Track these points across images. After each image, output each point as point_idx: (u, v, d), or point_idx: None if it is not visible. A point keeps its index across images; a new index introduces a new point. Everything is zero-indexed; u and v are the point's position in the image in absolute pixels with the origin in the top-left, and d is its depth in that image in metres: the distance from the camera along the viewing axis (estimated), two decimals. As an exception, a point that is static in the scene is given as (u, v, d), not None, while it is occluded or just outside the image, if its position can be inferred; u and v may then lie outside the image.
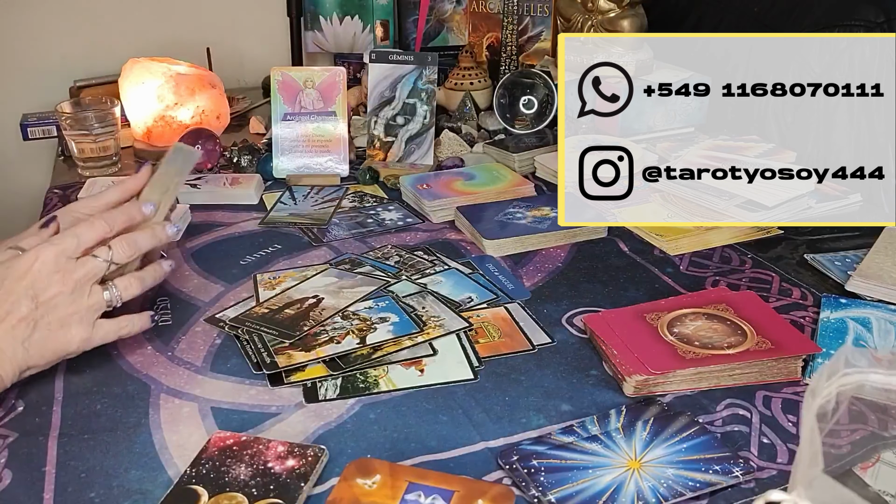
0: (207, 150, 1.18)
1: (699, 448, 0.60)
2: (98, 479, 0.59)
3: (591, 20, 1.32)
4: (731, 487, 0.57)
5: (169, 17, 1.59)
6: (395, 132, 1.21)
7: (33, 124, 1.34)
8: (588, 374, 0.71)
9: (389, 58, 1.21)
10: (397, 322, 0.77)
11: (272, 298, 0.81)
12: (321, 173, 1.16)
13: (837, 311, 0.78)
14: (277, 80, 1.17)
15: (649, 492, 0.56)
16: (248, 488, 0.56)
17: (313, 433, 0.64)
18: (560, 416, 0.66)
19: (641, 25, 1.31)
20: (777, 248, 0.95)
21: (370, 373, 0.71)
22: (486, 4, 1.49)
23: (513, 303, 0.83)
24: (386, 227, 1.02)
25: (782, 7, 1.30)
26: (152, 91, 1.25)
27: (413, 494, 0.55)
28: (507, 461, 0.59)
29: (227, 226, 1.03)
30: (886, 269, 0.83)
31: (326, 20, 1.59)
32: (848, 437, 0.54)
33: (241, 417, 0.66)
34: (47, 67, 1.51)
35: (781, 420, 0.65)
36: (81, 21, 1.53)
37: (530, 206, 1.03)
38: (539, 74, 1.27)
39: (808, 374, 0.71)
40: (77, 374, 0.71)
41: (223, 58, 1.57)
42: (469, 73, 1.39)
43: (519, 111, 1.26)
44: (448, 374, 0.71)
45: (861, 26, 1.18)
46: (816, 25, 1.22)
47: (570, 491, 0.56)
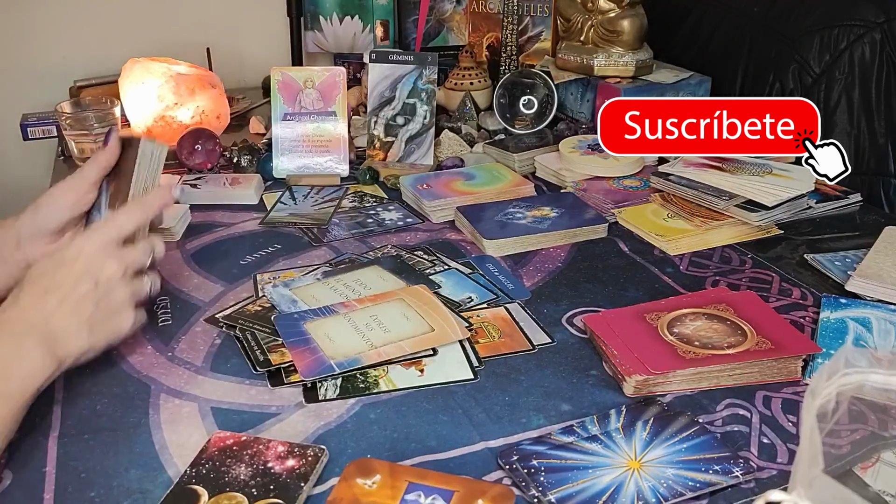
0: (207, 150, 1.18)
1: (699, 448, 0.60)
2: (98, 479, 0.59)
3: (591, 20, 1.32)
4: (731, 487, 0.58)
5: (169, 17, 1.59)
6: (395, 132, 1.21)
7: (33, 124, 1.34)
8: (588, 374, 0.71)
9: (389, 58, 1.21)
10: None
11: (265, 297, 0.82)
12: (321, 173, 1.16)
13: (837, 311, 0.78)
14: (277, 80, 1.17)
15: (649, 492, 0.56)
16: (248, 488, 0.56)
17: (313, 433, 0.64)
18: (560, 416, 0.66)
19: (641, 25, 1.31)
20: (777, 248, 0.95)
21: (370, 373, 0.71)
22: (486, 4, 1.49)
23: (513, 303, 0.83)
24: (386, 227, 1.02)
25: (782, 7, 1.30)
26: (152, 91, 1.25)
27: (413, 494, 0.55)
28: (507, 461, 0.59)
29: (227, 226, 1.03)
30: (886, 269, 0.83)
31: (326, 20, 1.59)
32: (848, 437, 0.54)
33: (241, 417, 0.66)
34: (47, 67, 1.51)
35: (781, 420, 0.65)
36: (81, 21, 1.53)
37: (530, 206, 1.03)
38: (539, 74, 1.27)
39: (808, 374, 0.71)
40: (77, 374, 0.71)
41: (223, 58, 1.57)
42: (469, 73, 1.39)
43: (519, 111, 1.26)
44: (448, 374, 0.71)
45: (861, 26, 1.18)
46: (816, 25, 1.22)
47: (570, 491, 0.56)
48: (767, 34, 1.30)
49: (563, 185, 1.13)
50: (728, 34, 1.37)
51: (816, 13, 1.24)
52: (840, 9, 1.21)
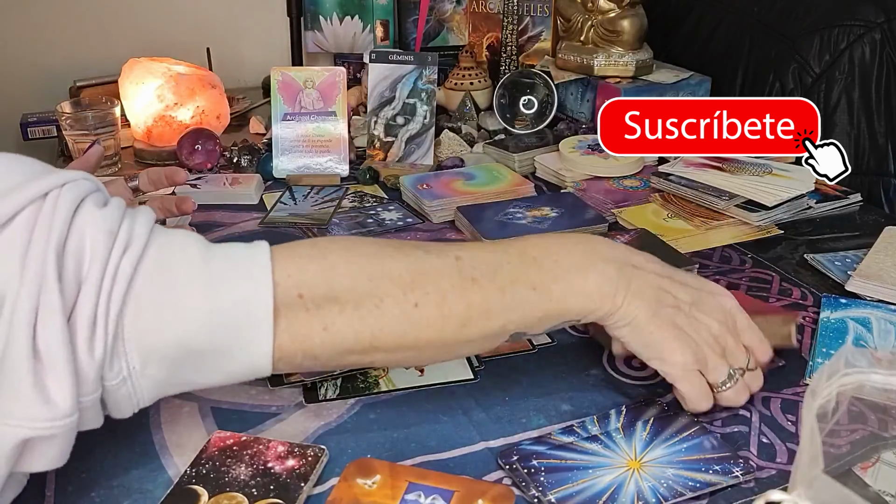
0: (207, 150, 1.18)
1: (699, 448, 0.60)
2: (98, 479, 0.59)
3: (591, 20, 1.32)
4: (731, 487, 0.57)
5: (169, 17, 1.59)
6: (395, 132, 1.21)
7: (33, 124, 1.34)
8: (588, 374, 0.71)
9: (389, 58, 1.21)
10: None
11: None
12: (321, 173, 1.16)
13: (837, 311, 0.78)
14: (277, 80, 1.17)
15: (649, 492, 0.56)
16: (248, 488, 0.56)
17: (313, 433, 0.64)
18: (560, 416, 0.66)
19: (641, 25, 1.31)
20: (777, 248, 0.95)
21: (370, 373, 0.71)
22: (486, 4, 1.49)
23: (513, 303, 0.83)
24: (386, 227, 1.02)
25: (782, 7, 1.30)
26: (152, 91, 1.25)
27: (413, 494, 0.55)
28: (507, 461, 0.59)
29: (227, 226, 1.03)
30: (886, 269, 0.83)
31: (326, 20, 1.59)
32: (848, 437, 0.54)
33: (241, 417, 0.66)
34: (47, 67, 1.51)
35: (781, 420, 0.65)
36: (81, 21, 1.53)
37: (530, 206, 1.03)
38: (539, 74, 1.27)
39: (808, 374, 0.71)
40: (77, 374, 0.71)
41: (223, 58, 1.56)
42: (469, 73, 1.39)
43: (519, 111, 1.26)
44: (448, 374, 0.71)
45: (861, 26, 1.18)
46: (816, 25, 1.22)
47: (570, 491, 0.56)
48: (767, 34, 1.30)
49: (563, 185, 1.13)
50: (728, 34, 1.37)
51: (816, 13, 1.24)
52: (840, 9, 1.21)
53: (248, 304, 0.52)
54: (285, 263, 0.54)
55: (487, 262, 0.59)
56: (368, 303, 0.55)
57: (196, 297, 0.51)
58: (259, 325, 0.52)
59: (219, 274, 0.52)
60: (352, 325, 0.54)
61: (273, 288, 0.52)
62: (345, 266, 0.55)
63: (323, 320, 0.54)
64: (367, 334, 0.55)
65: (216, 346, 0.52)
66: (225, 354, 0.52)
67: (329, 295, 0.54)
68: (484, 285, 0.57)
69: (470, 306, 0.57)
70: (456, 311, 0.56)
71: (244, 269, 0.53)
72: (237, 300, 0.52)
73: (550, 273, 0.59)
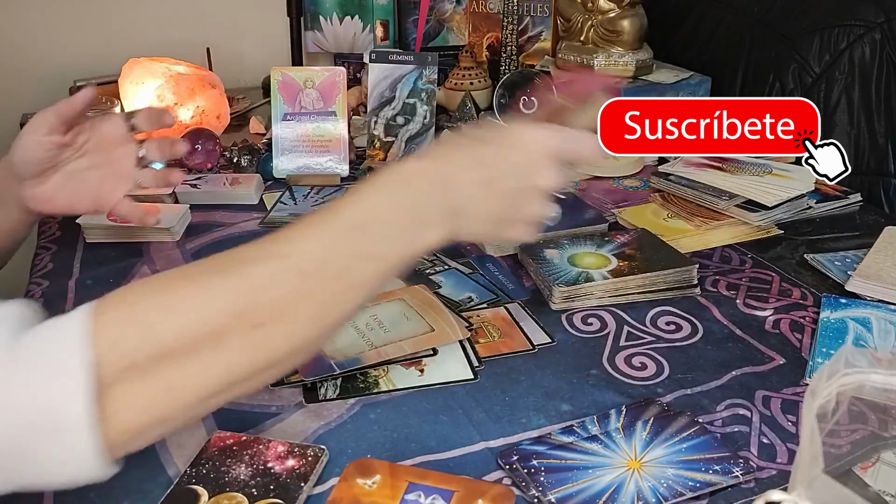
0: (207, 150, 1.18)
1: (699, 448, 0.60)
2: (98, 479, 0.59)
3: (591, 20, 1.32)
4: (731, 487, 0.58)
5: (169, 17, 1.59)
6: (395, 132, 1.21)
7: (33, 124, 1.33)
8: (588, 374, 0.71)
9: (389, 58, 1.21)
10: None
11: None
12: (321, 173, 1.16)
13: (837, 311, 0.78)
14: (277, 80, 1.16)
15: (649, 492, 0.56)
16: (248, 488, 0.56)
17: (313, 433, 0.64)
18: (560, 416, 0.66)
19: (641, 25, 1.31)
20: (777, 248, 0.95)
21: (370, 373, 0.71)
22: (486, 4, 1.49)
23: (513, 303, 0.83)
24: (386, 227, 1.01)
25: (782, 7, 1.30)
26: (152, 91, 1.25)
27: (413, 494, 0.55)
28: (507, 461, 0.59)
29: (227, 226, 1.03)
30: (886, 269, 0.83)
31: (326, 20, 1.59)
32: (848, 437, 0.54)
33: (241, 417, 0.66)
34: (47, 67, 1.51)
35: (781, 420, 0.65)
36: (81, 21, 1.53)
37: (530, 206, 1.03)
38: (539, 74, 1.27)
39: (808, 374, 0.71)
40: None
41: (223, 58, 1.56)
42: (469, 73, 1.39)
43: (519, 111, 1.26)
44: (448, 374, 0.71)
45: (861, 26, 1.18)
46: (816, 25, 1.22)
47: (570, 491, 0.56)
48: (767, 34, 1.30)
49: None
50: (728, 34, 1.37)
51: (816, 13, 1.24)
52: (840, 9, 1.21)
53: (58, 406, 0.45)
54: (109, 332, 0.47)
55: (314, 248, 0.53)
56: (206, 345, 0.48)
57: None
58: (75, 427, 0.45)
59: (26, 368, 0.45)
60: (196, 373, 0.49)
61: (95, 370, 0.45)
62: (163, 316, 0.49)
63: (163, 381, 0.48)
64: (217, 376, 0.50)
65: (24, 454, 0.46)
66: (38, 463, 0.46)
67: (159, 352, 0.47)
68: (320, 276, 0.52)
69: (312, 303, 0.52)
70: (302, 314, 0.51)
71: (57, 359, 0.45)
72: (45, 403, 0.45)
73: (383, 238, 0.55)
